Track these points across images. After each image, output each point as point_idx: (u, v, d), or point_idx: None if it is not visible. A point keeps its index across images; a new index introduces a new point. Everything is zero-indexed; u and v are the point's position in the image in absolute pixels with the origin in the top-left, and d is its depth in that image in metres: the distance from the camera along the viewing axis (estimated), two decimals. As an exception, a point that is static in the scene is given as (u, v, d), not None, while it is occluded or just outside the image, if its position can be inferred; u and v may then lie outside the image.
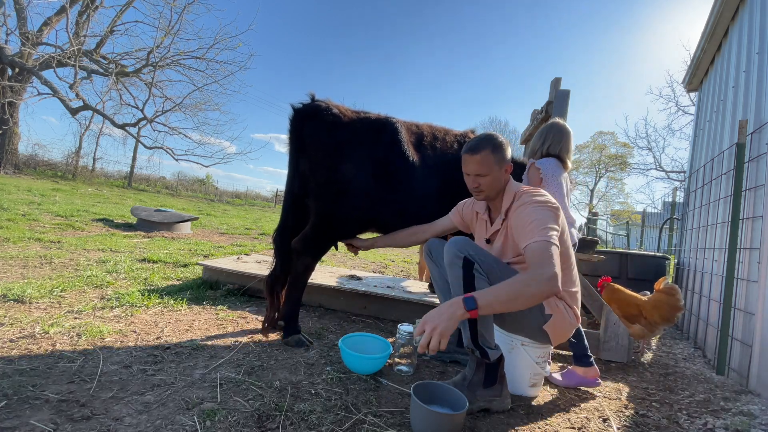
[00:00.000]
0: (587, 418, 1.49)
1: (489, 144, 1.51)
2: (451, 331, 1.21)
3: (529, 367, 1.62)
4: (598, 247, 2.89)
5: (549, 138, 2.05)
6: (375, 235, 2.14)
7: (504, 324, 1.58)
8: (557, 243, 1.35)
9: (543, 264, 1.26)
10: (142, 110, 12.32)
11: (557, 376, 1.83)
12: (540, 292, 1.25)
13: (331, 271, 3.32)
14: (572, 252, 1.59)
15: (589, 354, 1.82)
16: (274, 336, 2.01)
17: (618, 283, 2.62)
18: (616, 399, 1.71)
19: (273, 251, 2.12)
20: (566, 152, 2.05)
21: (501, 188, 1.57)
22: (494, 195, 1.58)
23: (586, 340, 1.87)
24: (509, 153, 1.59)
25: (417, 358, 1.80)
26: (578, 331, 1.84)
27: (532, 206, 1.44)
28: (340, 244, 2.08)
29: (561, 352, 2.26)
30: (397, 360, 1.73)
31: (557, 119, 2.19)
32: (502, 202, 1.57)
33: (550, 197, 1.50)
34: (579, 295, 1.57)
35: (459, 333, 1.91)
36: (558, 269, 1.27)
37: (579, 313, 1.55)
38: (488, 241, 1.66)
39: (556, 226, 1.39)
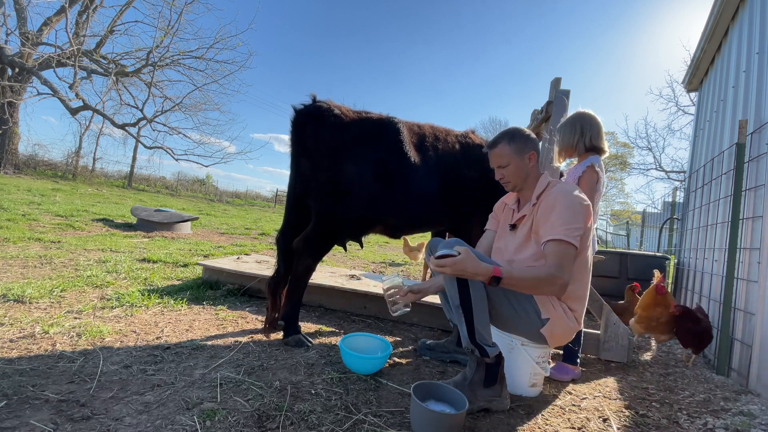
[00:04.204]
0: (587, 418, 1.49)
1: (505, 137, 1.59)
2: (461, 273, 1.31)
3: (529, 367, 1.62)
4: (598, 247, 2.89)
5: (587, 130, 1.91)
6: (377, 235, 2.15)
7: (499, 325, 1.57)
8: (578, 245, 1.39)
9: (562, 268, 1.34)
10: (141, 110, 12.32)
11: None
12: (549, 293, 1.39)
13: (331, 271, 3.33)
14: (590, 254, 1.57)
15: (578, 355, 1.94)
16: (274, 336, 2.01)
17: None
18: (616, 399, 1.70)
19: (276, 253, 2.11)
20: (603, 141, 1.95)
21: (527, 175, 1.59)
22: (521, 183, 1.61)
23: (582, 341, 1.93)
24: (532, 143, 1.60)
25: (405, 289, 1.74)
26: (577, 333, 1.85)
27: (566, 196, 1.45)
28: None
29: (561, 352, 2.25)
30: (390, 302, 1.69)
31: (581, 109, 2.01)
32: (533, 191, 1.58)
33: (584, 195, 1.50)
34: (585, 299, 1.56)
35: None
36: (569, 276, 1.36)
37: (582, 317, 1.54)
38: (513, 227, 1.64)
39: (582, 226, 1.40)
